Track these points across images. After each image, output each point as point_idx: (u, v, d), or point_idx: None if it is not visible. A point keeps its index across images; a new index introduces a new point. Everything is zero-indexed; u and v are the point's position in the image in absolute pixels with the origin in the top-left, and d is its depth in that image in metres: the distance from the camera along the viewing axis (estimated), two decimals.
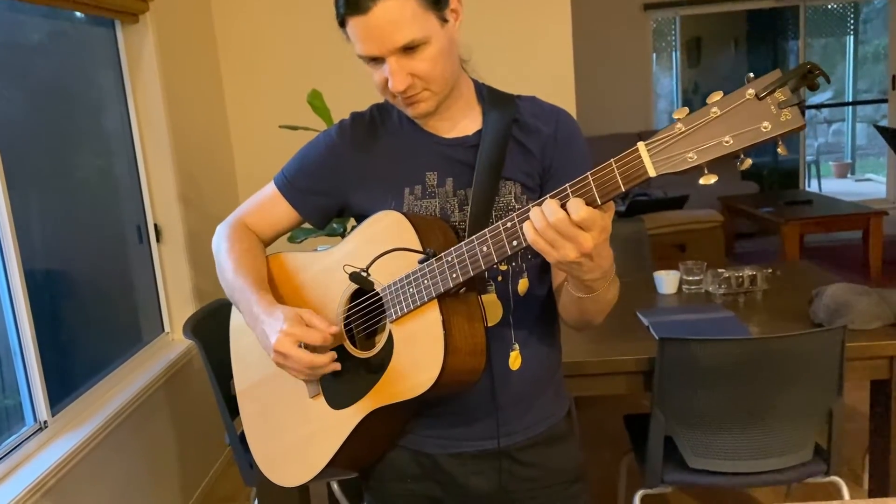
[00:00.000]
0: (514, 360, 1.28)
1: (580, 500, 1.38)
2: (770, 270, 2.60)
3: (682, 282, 2.56)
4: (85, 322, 2.67)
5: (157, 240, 3.03)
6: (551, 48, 3.65)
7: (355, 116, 1.36)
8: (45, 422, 2.23)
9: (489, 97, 1.32)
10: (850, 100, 9.05)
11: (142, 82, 2.94)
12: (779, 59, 8.04)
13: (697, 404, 1.95)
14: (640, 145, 0.94)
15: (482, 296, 1.24)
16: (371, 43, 1.14)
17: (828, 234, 5.88)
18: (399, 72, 1.15)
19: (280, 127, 2.61)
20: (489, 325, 1.24)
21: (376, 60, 1.17)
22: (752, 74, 0.91)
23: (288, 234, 1.47)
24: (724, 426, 1.96)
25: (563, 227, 0.98)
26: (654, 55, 7.74)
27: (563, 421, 1.37)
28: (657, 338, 1.98)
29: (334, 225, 2.56)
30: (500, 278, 1.26)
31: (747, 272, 2.38)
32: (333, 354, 1.21)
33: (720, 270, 2.42)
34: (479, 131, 1.28)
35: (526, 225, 1.02)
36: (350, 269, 1.18)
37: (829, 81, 0.92)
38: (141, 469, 2.61)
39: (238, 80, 3.64)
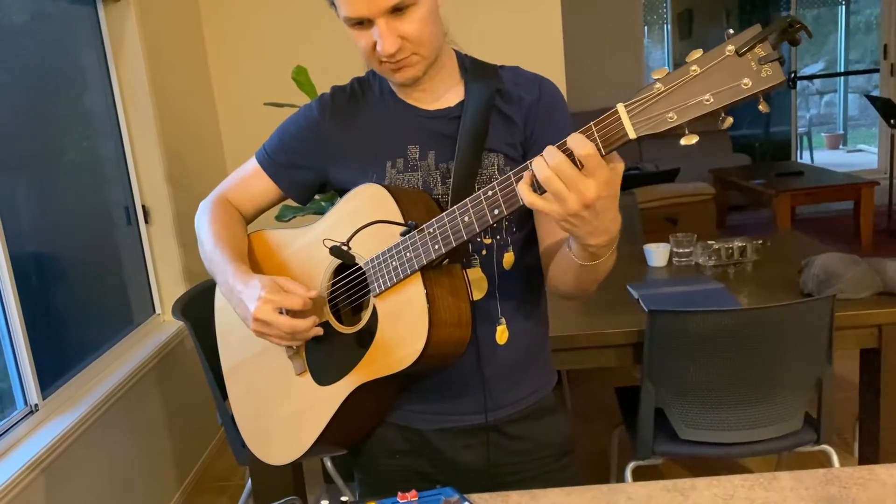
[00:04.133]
0: (501, 335, 1.28)
1: (569, 472, 1.38)
2: (760, 242, 2.60)
3: (672, 254, 2.56)
4: (75, 305, 2.66)
5: (146, 221, 3.01)
6: (540, 21, 3.62)
7: (335, 90, 1.35)
8: (36, 405, 2.22)
9: (472, 68, 1.30)
10: (842, 70, 9.02)
11: (125, 62, 2.90)
12: None
13: (687, 376, 1.96)
14: (620, 107, 0.92)
15: (467, 269, 1.24)
16: (360, 4, 1.11)
17: (819, 206, 5.89)
18: (388, 34, 1.12)
19: (265, 104, 2.58)
20: (474, 299, 1.24)
21: (363, 24, 1.14)
22: (731, 31, 0.89)
23: (276, 213, 1.46)
24: (713, 397, 1.97)
25: (565, 170, 0.93)
26: (646, 28, 7.69)
27: (552, 394, 1.37)
28: (646, 310, 1.98)
29: (322, 203, 2.54)
30: (484, 252, 1.25)
31: (737, 244, 2.37)
32: (315, 318, 1.20)
33: (710, 242, 2.42)
34: (462, 103, 1.27)
35: (521, 184, 0.98)
36: (330, 243, 1.16)
37: (810, 35, 0.89)
38: (135, 450, 2.61)
39: (224, 58, 3.60)
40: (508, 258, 1.27)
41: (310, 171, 1.33)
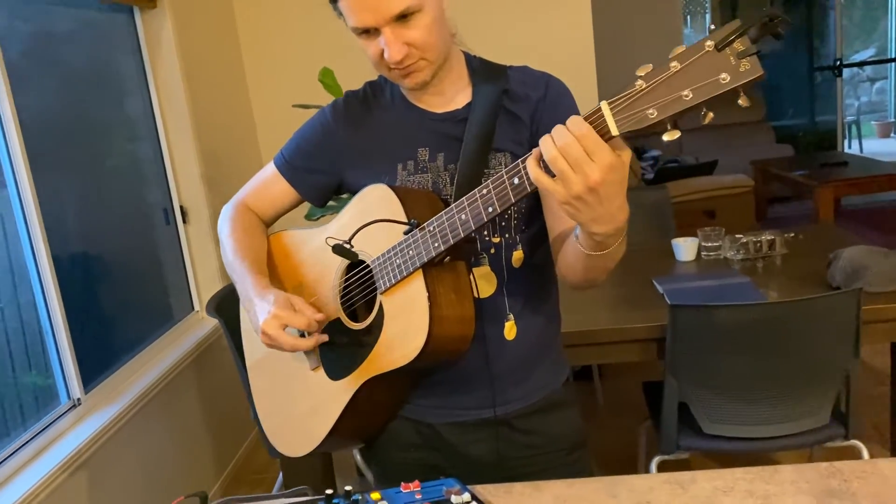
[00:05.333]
0: (510, 331, 1.30)
1: (581, 466, 1.40)
2: (792, 235, 2.57)
3: (700, 248, 2.54)
4: (117, 303, 2.76)
5: (184, 221, 3.10)
6: (570, 17, 3.61)
7: (349, 95, 1.38)
8: (79, 399, 2.32)
9: (480, 69, 1.32)
10: (894, 56, 8.76)
11: (162, 67, 2.99)
12: (815, 16, 7.79)
13: (710, 370, 1.95)
14: (604, 104, 0.93)
15: (475, 268, 1.27)
16: (366, 13, 1.14)
17: (867, 196, 5.74)
18: (395, 41, 1.15)
19: (293, 106, 2.63)
20: (482, 296, 1.27)
21: (370, 33, 1.17)
22: (713, 26, 0.90)
23: (305, 213, 1.51)
24: (737, 392, 1.96)
25: (572, 150, 0.92)
26: (688, 17, 7.58)
27: (562, 389, 1.39)
28: (670, 304, 1.98)
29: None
30: (492, 251, 1.28)
31: (766, 237, 2.35)
32: (318, 339, 1.24)
33: (738, 236, 2.40)
34: (469, 104, 1.29)
35: (530, 160, 0.98)
36: (332, 242, 1.20)
37: (790, 26, 0.90)
38: (173, 443, 2.70)
39: (259, 59, 3.68)
40: (517, 256, 1.29)
41: (325, 175, 1.37)
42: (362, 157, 1.33)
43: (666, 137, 0.93)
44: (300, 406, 1.37)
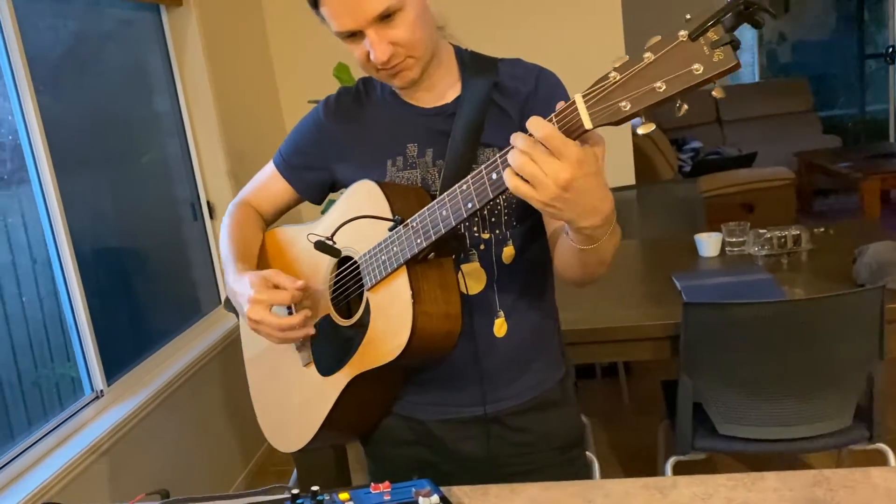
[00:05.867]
0: (499, 328, 1.28)
1: (576, 466, 1.38)
2: (822, 229, 2.49)
3: (725, 244, 2.48)
4: (143, 297, 2.82)
5: (210, 216, 3.15)
6: (599, 15, 3.54)
7: (341, 91, 1.38)
8: (102, 391, 2.37)
9: (470, 63, 1.31)
10: None
11: (188, 64, 3.03)
12: (869, 1, 7.51)
13: (725, 370, 1.90)
14: (577, 97, 0.91)
15: (464, 264, 1.25)
16: (347, 17, 1.13)
17: None
18: (379, 42, 1.14)
19: (308, 102, 2.64)
20: (470, 293, 1.26)
21: (354, 36, 1.16)
22: (689, 16, 0.86)
23: (322, 208, 1.50)
24: (753, 392, 1.90)
25: (535, 155, 0.91)
26: None
27: (557, 387, 1.36)
28: (684, 302, 1.93)
29: None
30: (482, 247, 1.26)
31: (791, 232, 2.27)
32: (307, 313, 1.23)
33: (761, 231, 2.33)
34: (459, 98, 1.28)
35: (507, 170, 0.95)
36: (314, 238, 1.20)
37: (774, 17, 0.86)
38: (197, 436, 2.74)
39: (286, 55, 3.70)
40: (508, 252, 1.27)
41: (320, 172, 1.37)
42: (353, 154, 1.33)
43: (640, 131, 0.90)
44: (293, 401, 1.37)
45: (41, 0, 2.44)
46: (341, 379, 1.26)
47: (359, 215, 1.20)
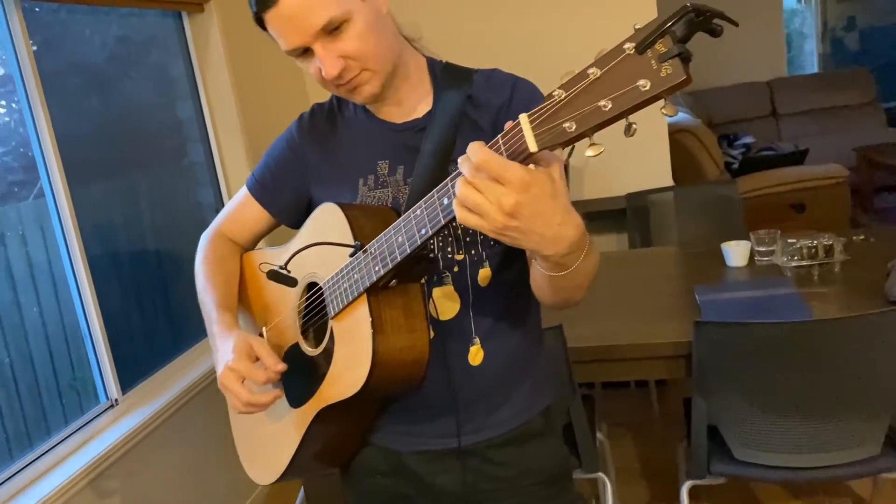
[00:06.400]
0: (475, 356, 1.21)
1: (561, 500, 1.30)
2: (862, 237, 2.33)
3: (753, 253, 2.34)
4: (163, 305, 2.83)
5: None
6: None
7: (315, 108, 1.33)
8: (116, 399, 2.39)
9: (443, 75, 1.24)
10: None
11: (210, 70, 3.03)
12: None
13: (740, 392, 1.78)
14: (523, 117, 0.83)
15: (437, 287, 1.19)
16: (291, 34, 1.08)
17: None
18: (328, 56, 1.09)
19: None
20: (443, 318, 1.19)
21: (306, 53, 1.12)
22: (637, 25, 0.78)
23: None
24: (771, 416, 1.78)
25: (478, 183, 0.84)
26: None
27: (540, 417, 1.29)
28: (695, 321, 1.82)
29: None
30: (456, 269, 1.20)
31: (822, 241, 2.13)
32: (277, 393, 1.19)
33: (790, 240, 2.19)
34: (430, 112, 1.21)
35: (455, 201, 0.89)
36: (267, 268, 1.15)
37: (735, 24, 0.77)
38: (214, 446, 2.74)
39: None
40: (484, 274, 1.20)
41: (294, 192, 1.32)
42: (326, 174, 1.28)
43: (589, 153, 0.82)
44: (264, 433, 1.33)
45: (60, 10, 2.46)
46: (309, 411, 1.21)
47: (316, 242, 1.14)
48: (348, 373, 1.12)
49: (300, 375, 1.23)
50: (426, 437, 1.25)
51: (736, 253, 2.33)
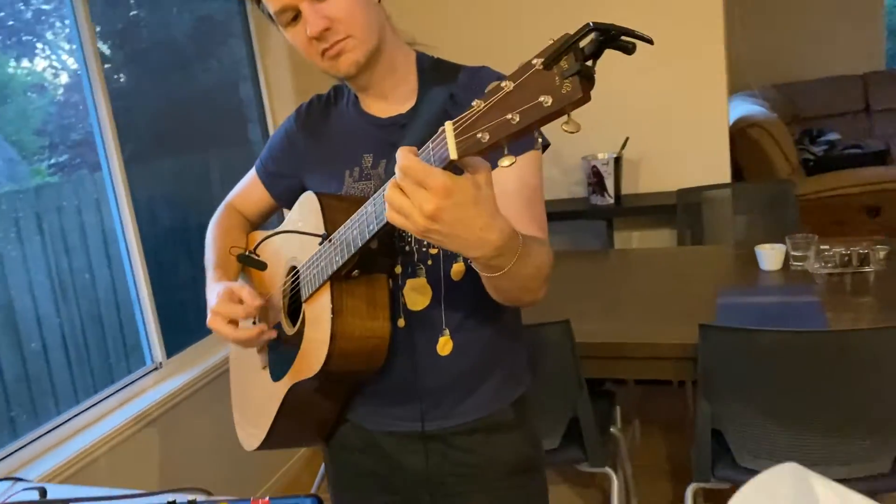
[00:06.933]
0: (444, 346, 1.25)
1: (523, 493, 1.34)
2: None
3: (789, 257, 2.28)
4: None
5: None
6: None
7: (313, 99, 1.40)
8: (161, 363, 2.55)
9: (430, 71, 1.28)
10: None
11: (269, 54, 3.15)
12: None
13: (744, 398, 1.76)
14: (448, 124, 0.86)
15: (410, 279, 1.24)
16: None
17: None
18: (313, 14, 1.13)
19: None
20: (413, 308, 1.24)
21: (295, 20, 1.16)
22: (552, 39, 0.80)
23: None
24: (775, 424, 1.75)
25: (403, 184, 0.88)
26: None
27: (509, 408, 1.32)
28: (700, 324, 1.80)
29: None
30: (430, 262, 1.24)
31: (857, 249, 2.05)
32: (262, 327, 1.27)
33: (823, 247, 2.12)
34: (413, 109, 1.26)
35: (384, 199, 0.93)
36: (237, 251, 1.23)
37: (649, 42, 0.77)
38: None
39: None
40: (457, 269, 1.24)
41: (291, 179, 1.39)
42: (318, 163, 1.34)
43: (502, 163, 0.85)
44: (253, 402, 1.42)
45: (117, 6, 2.62)
46: (283, 387, 1.29)
47: (286, 230, 1.22)
48: (312, 353, 1.19)
49: (281, 351, 1.31)
50: (394, 419, 1.30)
51: (769, 257, 2.27)
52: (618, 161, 3.38)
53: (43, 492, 0.94)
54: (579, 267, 2.71)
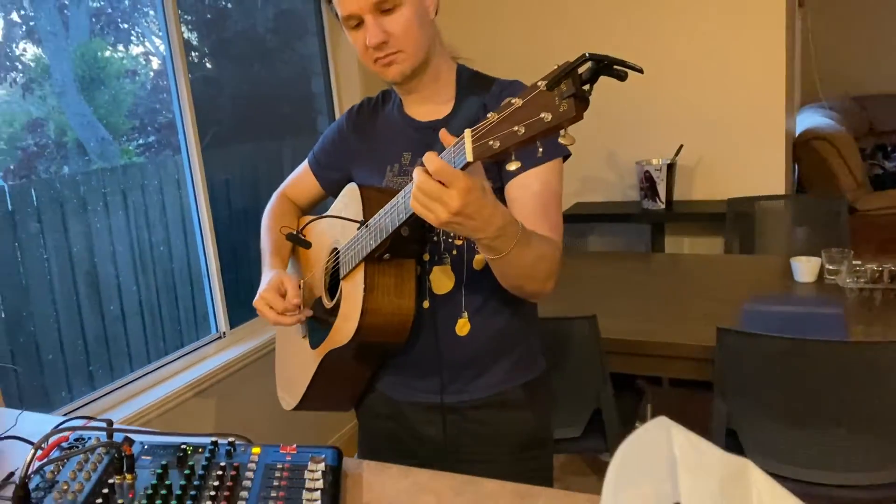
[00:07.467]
0: (462, 327, 1.40)
1: (527, 467, 1.47)
2: None
3: (824, 270, 2.33)
4: None
5: None
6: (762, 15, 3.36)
7: (364, 101, 1.57)
8: (224, 333, 2.78)
9: (467, 82, 1.43)
10: None
11: (341, 50, 3.35)
12: None
13: (756, 400, 1.84)
14: (468, 132, 1.02)
15: (437, 266, 1.39)
16: (350, 2, 1.29)
17: None
18: (374, 27, 1.30)
19: None
20: (438, 292, 1.39)
21: (358, 26, 1.32)
22: (557, 66, 0.94)
23: None
24: (784, 428, 1.83)
25: (427, 186, 1.04)
26: None
27: (520, 390, 1.45)
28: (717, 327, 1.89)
29: None
30: (454, 252, 1.39)
31: (889, 267, 2.10)
32: (298, 318, 1.45)
33: (856, 262, 2.17)
34: (449, 115, 1.40)
35: (412, 194, 1.10)
36: (286, 231, 1.40)
37: (639, 71, 0.90)
38: None
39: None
40: (479, 259, 1.38)
41: (340, 172, 1.57)
42: (363, 158, 1.51)
43: (509, 167, 1.00)
44: (292, 366, 1.60)
45: None
46: (319, 354, 1.46)
47: (329, 214, 1.38)
48: (346, 324, 1.36)
49: (320, 323, 1.48)
50: (416, 390, 1.46)
51: (804, 269, 2.33)
52: (671, 167, 3.44)
53: (109, 423, 1.13)
54: (621, 267, 2.81)
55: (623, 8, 3.56)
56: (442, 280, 1.39)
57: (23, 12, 2.39)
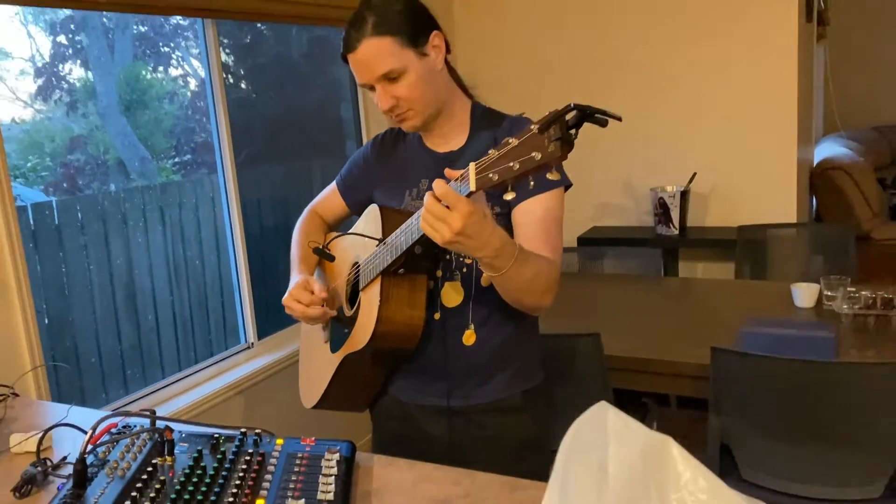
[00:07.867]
0: (468, 338, 1.55)
1: (526, 467, 1.57)
2: None
3: (822, 297, 2.43)
4: None
5: None
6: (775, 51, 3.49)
7: (388, 131, 1.73)
8: (252, 343, 2.95)
9: (480, 118, 1.58)
10: None
11: None
12: None
13: (748, 417, 1.95)
14: (472, 165, 1.18)
15: (448, 281, 1.54)
16: (361, 74, 1.49)
17: None
18: (382, 94, 1.48)
19: None
20: (448, 305, 1.54)
21: (373, 88, 1.51)
22: (549, 112, 1.09)
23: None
24: (775, 443, 1.93)
25: (434, 208, 1.20)
26: None
27: (520, 397, 1.59)
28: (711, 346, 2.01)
29: None
30: (464, 270, 1.54)
31: (882, 294, 2.20)
32: (326, 311, 1.59)
33: (850, 289, 2.27)
34: (462, 147, 1.56)
35: (421, 215, 1.26)
36: (314, 245, 1.56)
37: (619, 120, 1.04)
38: None
39: (477, 69, 4.08)
40: (486, 277, 1.53)
41: (363, 193, 1.73)
42: (385, 183, 1.67)
43: (506, 197, 1.15)
44: (313, 368, 1.75)
45: (245, 23, 3.04)
46: (338, 357, 1.61)
47: (353, 232, 1.54)
48: (362, 331, 1.51)
49: (340, 329, 1.64)
50: (425, 394, 1.60)
51: (804, 294, 2.43)
52: (684, 195, 3.56)
53: (153, 412, 1.28)
54: (632, 289, 2.94)
55: (638, 40, 3.71)
56: (452, 294, 1.54)
57: (70, 35, 2.59)
